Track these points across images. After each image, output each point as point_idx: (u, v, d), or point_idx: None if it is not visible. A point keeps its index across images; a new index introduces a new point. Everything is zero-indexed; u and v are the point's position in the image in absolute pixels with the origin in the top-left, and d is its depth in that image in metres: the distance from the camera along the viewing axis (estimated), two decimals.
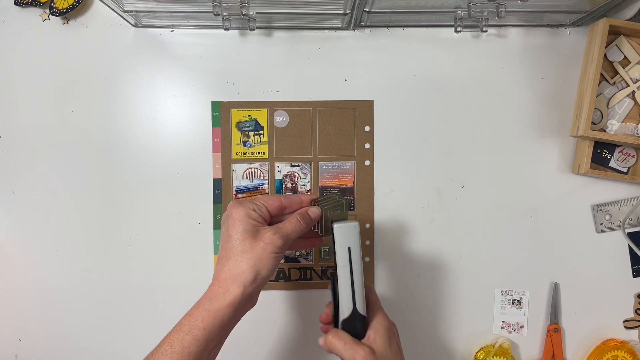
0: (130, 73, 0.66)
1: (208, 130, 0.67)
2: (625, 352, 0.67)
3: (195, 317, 0.48)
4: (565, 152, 0.68)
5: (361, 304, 0.51)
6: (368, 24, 0.66)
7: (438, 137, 0.67)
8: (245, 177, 0.67)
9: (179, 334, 0.48)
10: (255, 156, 0.67)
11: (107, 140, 0.66)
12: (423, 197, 0.67)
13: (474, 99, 0.67)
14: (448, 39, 0.67)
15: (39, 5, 0.65)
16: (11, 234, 0.66)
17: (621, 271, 0.68)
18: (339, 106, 0.67)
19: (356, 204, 0.67)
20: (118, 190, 0.66)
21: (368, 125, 0.67)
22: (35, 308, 0.67)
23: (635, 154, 0.67)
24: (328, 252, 0.67)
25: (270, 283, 0.67)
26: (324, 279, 0.67)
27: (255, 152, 0.67)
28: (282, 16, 0.63)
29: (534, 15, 0.65)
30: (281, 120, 0.67)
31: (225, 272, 0.49)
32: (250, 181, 0.67)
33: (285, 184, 0.67)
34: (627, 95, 0.66)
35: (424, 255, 0.68)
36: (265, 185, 0.67)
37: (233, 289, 0.48)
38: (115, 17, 0.65)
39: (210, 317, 0.48)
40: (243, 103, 0.67)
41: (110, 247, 0.66)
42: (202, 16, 0.63)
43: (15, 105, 0.66)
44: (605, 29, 0.62)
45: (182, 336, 0.47)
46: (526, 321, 0.68)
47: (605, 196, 0.68)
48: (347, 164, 0.67)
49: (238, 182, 0.67)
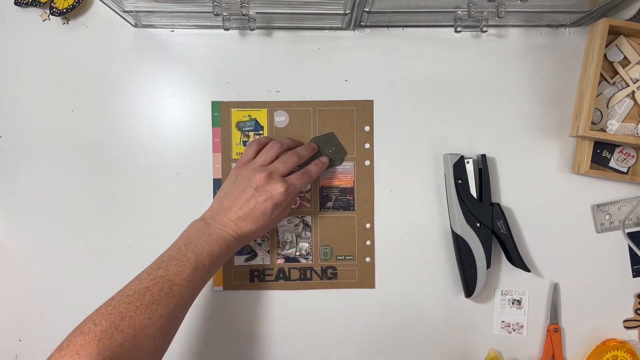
0: (130, 73, 0.66)
1: (208, 130, 0.67)
2: (625, 352, 0.67)
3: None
4: (565, 152, 0.68)
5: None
6: (368, 24, 0.66)
7: (438, 137, 0.67)
8: None
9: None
10: None
11: (107, 140, 0.66)
12: (423, 197, 0.67)
13: (474, 99, 0.67)
14: (448, 39, 0.67)
15: (39, 5, 0.65)
16: (11, 234, 0.66)
17: (621, 271, 0.68)
18: (339, 106, 0.67)
19: (356, 204, 0.67)
20: (118, 190, 0.66)
21: (368, 125, 0.67)
22: (35, 308, 0.67)
23: (635, 154, 0.67)
24: (328, 253, 0.67)
25: (270, 283, 0.67)
26: (324, 279, 0.67)
27: None
28: (282, 16, 0.63)
29: (534, 15, 0.65)
30: (281, 120, 0.67)
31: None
32: None
33: None
34: (627, 95, 0.66)
35: (424, 255, 0.68)
36: None
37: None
38: (115, 17, 0.65)
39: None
40: (243, 103, 0.67)
41: (110, 247, 0.66)
42: (202, 16, 0.63)
43: (15, 105, 0.66)
44: (605, 29, 0.62)
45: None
46: (526, 321, 0.68)
47: (605, 196, 0.68)
48: (347, 164, 0.67)
49: None
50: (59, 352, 0.44)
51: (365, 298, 0.68)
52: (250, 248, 0.67)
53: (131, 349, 0.46)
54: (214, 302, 0.67)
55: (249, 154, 0.62)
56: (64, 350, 0.44)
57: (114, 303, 0.48)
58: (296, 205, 0.67)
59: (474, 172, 0.65)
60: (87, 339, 0.44)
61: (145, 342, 0.47)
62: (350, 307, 0.68)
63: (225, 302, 0.67)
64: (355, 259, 0.67)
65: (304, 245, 0.67)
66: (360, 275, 0.67)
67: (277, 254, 0.67)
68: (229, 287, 0.67)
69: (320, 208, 0.67)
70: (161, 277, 0.51)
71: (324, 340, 0.67)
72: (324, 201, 0.67)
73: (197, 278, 0.53)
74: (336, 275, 0.67)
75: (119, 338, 0.45)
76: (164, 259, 0.53)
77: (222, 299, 0.67)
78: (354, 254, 0.67)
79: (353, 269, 0.67)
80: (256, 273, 0.67)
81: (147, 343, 0.47)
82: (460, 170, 0.65)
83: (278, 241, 0.67)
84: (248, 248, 0.67)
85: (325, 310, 0.67)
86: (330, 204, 0.67)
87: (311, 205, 0.67)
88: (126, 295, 0.49)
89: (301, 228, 0.67)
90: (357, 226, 0.67)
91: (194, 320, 0.67)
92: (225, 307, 0.67)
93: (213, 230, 0.56)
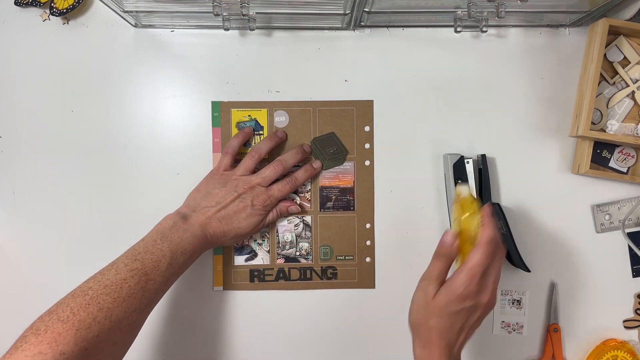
0: (130, 73, 0.66)
1: (208, 131, 0.67)
2: (625, 352, 0.67)
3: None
4: (565, 152, 0.68)
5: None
6: (368, 24, 0.66)
7: (438, 137, 0.67)
8: None
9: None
10: None
11: (107, 140, 0.66)
12: (423, 197, 0.67)
13: (474, 99, 0.67)
14: (448, 39, 0.67)
15: (39, 6, 0.65)
16: (11, 234, 0.66)
17: (621, 271, 0.68)
18: (339, 106, 0.67)
19: (356, 204, 0.67)
20: (118, 190, 0.66)
21: (368, 125, 0.67)
22: (35, 308, 0.67)
23: (635, 154, 0.67)
24: (328, 253, 0.67)
25: (270, 283, 0.67)
26: (324, 279, 0.67)
27: None
28: (282, 16, 0.63)
29: (534, 15, 0.65)
30: (281, 120, 0.67)
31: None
32: None
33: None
34: (627, 96, 0.66)
35: (423, 255, 0.68)
36: None
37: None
38: (115, 17, 0.65)
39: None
40: (243, 103, 0.67)
41: (111, 246, 0.66)
42: (202, 16, 0.63)
43: (15, 105, 0.66)
44: (605, 29, 0.62)
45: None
46: (526, 321, 0.68)
47: (605, 196, 0.68)
48: (347, 164, 0.67)
49: None
50: (35, 336, 0.44)
51: (365, 298, 0.68)
52: (251, 248, 0.67)
53: (105, 341, 0.47)
54: (214, 302, 0.67)
55: (225, 162, 0.63)
56: (41, 335, 0.44)
57: (91, 292, 0.48)
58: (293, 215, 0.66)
59: (473, 172, 0.65)
60: (65, 327, 0.45)
61: (118, 335, 0.48)
62: (350, 307, 0.68)
63: (225, 302, 0.67)
64: (355, 259, 0.67)
65: (304, 245, 0.67)
66: (360, 275, 0.67)
67: (277, 254, 0.67)
68: (229, 287, 0.67)
69: (321, 208, 0.67)
70: (138, 269, 0.52)
71: (323, 340, 0.67)
72: (324, 201, 0.67)
73: (170, 274, 0.54)
74: (336, 275, 0.67)
75: (96, 329, 0.46)
76: (140, 251, 0.54)
77: (222, 299, 0.67)
78: (354, 254, 0.67)
79: (353, 269, 0.67)
80: (256, 273, 0.67)
81: (120, 336, 0.48)
82: (460, 170, 0.65)
83: (278, 241, 0.67)
84: (248, 248, 0.67)
85: (325, 310, 0.67)
86: (330, 204, 0.67)
87: (311, 205, 0.67)
88: (104, 285, 0.49)
89: (301, 228, 0.67)
90: (357, 226, 0.67)
91: (194, 319, 0.67)
92: (225, 307, 0.67)
93: (188, 227, 0.57)
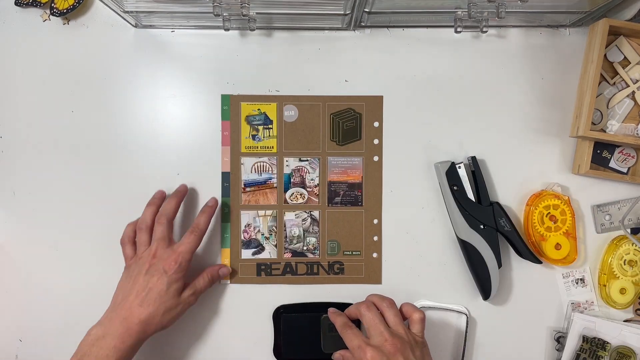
0: (130, 73, 0.66)
1: (210, 129, 0.66)
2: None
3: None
4: (565, 152, 0.68)
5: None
6: (368, 25, 0.66)
7: (438, 137, 0.67)
8: (253, 170, 0.67)
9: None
10: (264, 150, 0.67)
11: (107, 140, 0.66)
12: (423, 197, 0.67)
13: (474, 100, 0.67)
14: (448, 39, 0.67)
15: (39, 6, 0.65)
16: (11, 234, 0.66)
17: None
18: (348, 101, 0.67)
19: (364, 200, 0.67)
20: (118, 190, 0.66)
21: (377, 121, 0.67)
22: (35, 308, 0.67)
23: (635, 155, 0.67)
24: (335, 248, 0.67)
25: (277, 277, 0.67)
26: (331, 274, 0.67)
27: (264, 146, 0.67)
28: (282, 16, 0.63)
29: (534, 15, 0.65)
30: (290, 114, 0.67)
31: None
32: (259, 175, 0.67)
33: (294, 178, 0.67)
34: (627, 96, 0.66)
35: (424, 256, 0.68)
36: (274, 179, 0.67)
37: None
38: (115, 17, 0.65)
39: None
40: (252, 97, 0.66)
41: (111, 247, 0.66)
42: (202, 16, 0.63)
43: (15, 105, 0.66)
44: (605, 29, 0.62)
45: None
46: (595, 297, 0.67)
47: (605, 196, 0.68)
48: (355, 160, 0.67)
49: (247, 175, 0.67)
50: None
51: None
52: (258, 242, 0.67)
53: None
54: (221, 296, 0.67)
55: (127, 252, 0.62)
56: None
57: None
58: None
59: (467, 176, 0.65)
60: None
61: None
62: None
63: (232, 296, 0.67)
64: (362, 255, 0.67)
65: (311, 240, 0.67)
66: (367, 271, 0.67)
67: (285, 248, 0.67)
68: (236, 280, 0.67)
69: (328, 203, 0.67)
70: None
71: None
72: (332, 196, 0.67)
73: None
74: (343, 271, 0.67)
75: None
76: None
77: (229, 293, 0.67)
78: (361, 249, 0.67)
79: (360, 265, 0.67)
80: (263, 267, 0.67)
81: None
82: (453, 176, 0.64)
83: (285, 235, 0.67)
84: (255, 242, 0.67)
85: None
86: (338, 199, 0.67)
87: (319, 200, 0.67)
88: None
89: (309, 223, 0.67)
90: (365, 222, 0.67)
91: (201, 313, 0.66)
92: (232, 300, 0.67)
93: (108, 331, 0.56)
